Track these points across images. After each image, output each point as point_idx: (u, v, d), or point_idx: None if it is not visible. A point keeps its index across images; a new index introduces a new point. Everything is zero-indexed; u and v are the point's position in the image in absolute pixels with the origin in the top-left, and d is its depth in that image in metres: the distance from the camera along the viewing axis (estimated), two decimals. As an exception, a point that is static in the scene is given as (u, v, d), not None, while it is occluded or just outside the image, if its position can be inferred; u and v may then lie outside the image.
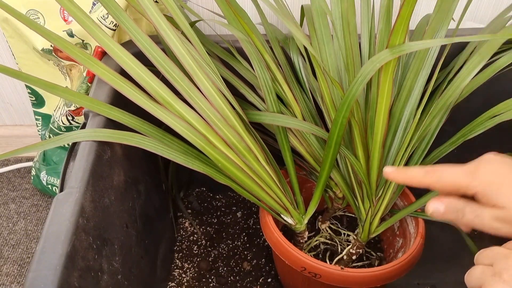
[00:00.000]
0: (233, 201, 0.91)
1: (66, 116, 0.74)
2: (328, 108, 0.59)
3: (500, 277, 0.33)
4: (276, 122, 0.58)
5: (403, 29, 0.43)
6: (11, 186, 0.97)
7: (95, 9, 0.66)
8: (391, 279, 0.57)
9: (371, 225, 0.60)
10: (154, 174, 0.74)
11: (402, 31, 0.43)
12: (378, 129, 0.53)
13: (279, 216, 0.62)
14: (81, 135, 0.52)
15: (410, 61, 0.60)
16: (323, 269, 0.57)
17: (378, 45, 0.60)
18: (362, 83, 0.45)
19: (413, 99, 0.58)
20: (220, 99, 0.55)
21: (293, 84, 0.64)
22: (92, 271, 0.46)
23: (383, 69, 0.47)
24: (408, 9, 0.41)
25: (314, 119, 0.64)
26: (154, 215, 0.71)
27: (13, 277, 0.81)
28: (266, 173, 0.58)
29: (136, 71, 0.53)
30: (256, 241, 0.84)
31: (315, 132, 0.57)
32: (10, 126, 1.01)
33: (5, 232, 0.88)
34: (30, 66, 0.75)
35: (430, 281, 0.77)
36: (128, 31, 0.52)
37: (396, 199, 0.62)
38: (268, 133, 0.65)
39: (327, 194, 0.67)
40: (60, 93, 0.53)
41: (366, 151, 0.56)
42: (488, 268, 0.35)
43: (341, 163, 0.63)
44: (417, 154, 0.61)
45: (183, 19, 0.55)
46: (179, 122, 0.53)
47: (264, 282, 0.77)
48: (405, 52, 0.43)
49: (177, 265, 0.80)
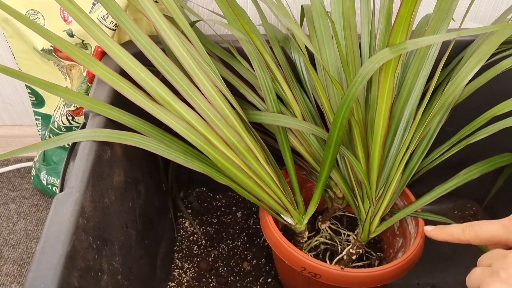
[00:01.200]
0: (233, 201, 0.91)
1: (66, 116, 0.74)
2: (325, 108, 0.59)
3: (498, 276, 0.33)
4: (277, 122, 0.58)
5: (404, 28, 0.43)
6: (11, 186, 0.97)
7: (95, 9, 0.66)
8: (391, 279, 0.57)
9: (371, 225, 0.61)
10: (154, 174, 0.74)
11: (402, 30, 0.43)
12: (378, 129, 0.53)
13: (279, 216, 0.62)
14: (81, 135, 0.52)
15: (410, 61, 0.60)
16: (323, 269, 0.57)
17: (378, 45, 0.60)
18: (361, 83, 0.45)
19: (413, 99, 0.58)
20: (220, 99, 0.55)
21: (293, 84, 0.64)
22: (92, 271, 0.46)
23: (384, 69, 0.47)
24: (408, 8, 0.41)
25: (314, 119, 0.64)
26: (154, 215, 0.71)
27: (13, 277, 0.81)
28: (266, 173, 0.58)
29: (136, 71, 0.53)
30: (256, 241, 0.84)
31: (315, 132, 0.57)
32: (10, 126, 1.01)
33: (5, 232, 0.88)
34: (30, 66, 0.75)
35: (430, 281, 0.77)
36: (128, 31, 0.52)
37: (396, 199, 0.62)
38: (268, 133, 0.65)
39: (327, 194, 0.67)
40: (60, 93, 0.53)
41: (366, 151, 0.56)
42: (487, 269, 0.35)
43: (341, 163, 0.63)
44: (417, 154, 0.61)
45: (183, 19, 0.55)
46: (179, 122, 0.53)
47: (264, 282, 0.77)
48: (406, 50, 0.43)
49: (177, 265, 0.80)
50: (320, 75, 0.63)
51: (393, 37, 0.44)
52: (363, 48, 0.63)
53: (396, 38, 0.44)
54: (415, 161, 0.61)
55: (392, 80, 0.47)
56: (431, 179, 0.65)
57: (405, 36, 0.43)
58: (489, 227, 0.40)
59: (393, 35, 0.43)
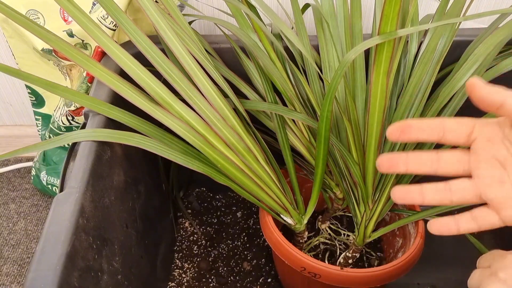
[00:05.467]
0: (233, 201, 0.91)
1: (66, 116, 0.74)
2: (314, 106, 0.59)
3: (496, 276, 0.33)
4: (273, 110, 0.58)
5: (393, 16, 0.41)
6: (11, 186, 0.97)
7: (95, 9, 0.66)
8: (391, 279, 0.57)
9: (366, 229, 0.60)
10: (154, 174, 0.74)
11: (392, 17, 0.41)
12: (372, 131, 0.52)
13: (278, 216, 0.62)
14: (81, 135, 0.52)
15: (414, 65, 0.60)
16: (323, 269, 0.57)
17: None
18: (342, 74, 0.44)
19: (417, 102, 0.58)
20: (219, 99, 0.55)
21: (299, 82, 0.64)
22: (92, 271, 0.46)
23: (375, 68, 0.46)
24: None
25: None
26: (154, 215, 0.71)
27: (13, 277, 0.81)
28: (266, 173, 0.58)
29: (136, 72, 0.53)
30: (256, 241, 0.84)
31: (309, 123, 0.57)
32: (10, 126, 1.01)
33: (5, 232, 0.88)
34: (30, 66, 0.75)
35: (430, 281, 0.77)
36: (127, 32, 0.52)
37: (393, 203, 0.61)
38: (269, 132, 0.65)
39: (327, 194, 0.67)
40: (61, 92, 0.53)
41: (362, 154, 0.56)
42: (486, 269, 0.35)
43: (341, 164, 0.63)
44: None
45: (182, 19, 0.55)
46: (178, 123, 0.53)
47: (264, 282, 0.77)
48: (395, 36, 0.41)
49: (177, 265, 0.80)
50: (297, 73, 0.63)
51: (383, 23, 0.42)
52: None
53: (387, 25, 0.42)
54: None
55: (384, 80, 0.46)
56: (430, 178, 0.65)
57: (396, 24, 0.42)
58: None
59: (383, 21, 0.42)
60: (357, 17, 0.61)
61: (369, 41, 0.43)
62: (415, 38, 0.63)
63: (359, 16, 0.61)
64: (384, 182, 0.58)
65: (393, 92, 0.61)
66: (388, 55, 0.44)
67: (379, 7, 0.63)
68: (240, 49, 0.65)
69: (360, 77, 0.60)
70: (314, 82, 0.62)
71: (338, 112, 0.59)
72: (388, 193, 0.59)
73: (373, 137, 0.52)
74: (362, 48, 0.43)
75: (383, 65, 0.45)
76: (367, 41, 0.43)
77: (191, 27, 0.60)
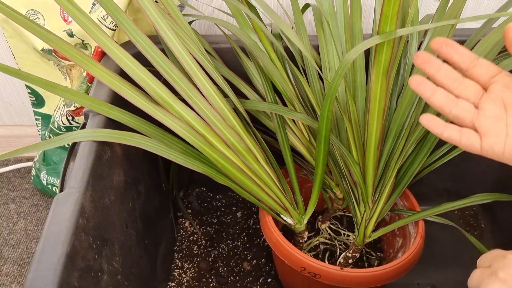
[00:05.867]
0: (233, 201, 0.91)
1: (66, 116, 0.74)
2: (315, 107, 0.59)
3: (496, 275, 0.34)
4: (273, 110, 0.58)
5: (393, 15, 0.41)
6: (11, 186, 0.97)
7: (95, 9, 0.66)
8: (391, 279, 0.57)
9: (366, 229, 0.60)
10: (154, 174, 0.74)
11: (391, 17, 0.42)
12: (372, 130, 0.52)
13: (278, 216, 0.62)
14: (81, 135, 0.52)
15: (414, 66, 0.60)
16: (323, 269, 0.57)
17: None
18: (342, 74, 0.44)
19: (417, 102, 0.57)
20: (219, 99, 0.55)
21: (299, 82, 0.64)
22: (92, 271, 0.46)
23: (375, 68, 0.46)
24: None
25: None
26: (154, 215, 0.71)
27: (13, 277, 0.81)
28: (266, 173, 0.58)
29: (135, 72, 0.53)
30: (256, 241, 0.84)
31: (309, 123, 0.57)
32: (10, 126, 1.01)
33: (5, 232, 0.88)
34: (30, 66, 0.75)
35: (430, 281, 0.77)
36: (127, 32, 0.52)
37: (392, 203, 0.61)
38: (269, 132, 0.65)
39: (327, 194, 0.67)
40: (61, 92, 0.53)
41: (362, 154, 0.56)
42: (486, 269, 0.35)
43: (341, 164, 0.63)
44: (420, 155, 0.60)
45: (182, 19, 0.55)
46: (178, 123, 0.53)
47: (264, 282, 0.77)
48: (394, 36, 0.42)
49: (177, 265, 0.80)
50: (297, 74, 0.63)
51: (383, 23, 0.42)
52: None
53: (386, 25, 0.42)
54: (416, 162, 0.60)
55: (384, 80, 0.46)
56: (430, 178, 0.65)
57: (395, 24, 0.42)
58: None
59: (383, 21, 0.42)
60: (357, 17, 0.61)
61: (369, 40, 0.43)
62: (415, 38, 0.63)
63: (359, 16, 0.61)
64: (384, 182, 0.58)
65: (393, 92, 0.61)
66: (388, 55, 0.45)
67: (379, 7, 0.63)
68: (240, 49, 0.65)
69: (360, 77, 0.60)
70: (314, 82, 0.62)
71: (338, 112, 0.59)
72: (388, 193, 0.59)
73: (373, 137, 0.52)
74: (362, 48, 0.43)
75: (383, 65, 0.45)
76: (367, 41, 0.43)
77: (191, 27, 0.60)
